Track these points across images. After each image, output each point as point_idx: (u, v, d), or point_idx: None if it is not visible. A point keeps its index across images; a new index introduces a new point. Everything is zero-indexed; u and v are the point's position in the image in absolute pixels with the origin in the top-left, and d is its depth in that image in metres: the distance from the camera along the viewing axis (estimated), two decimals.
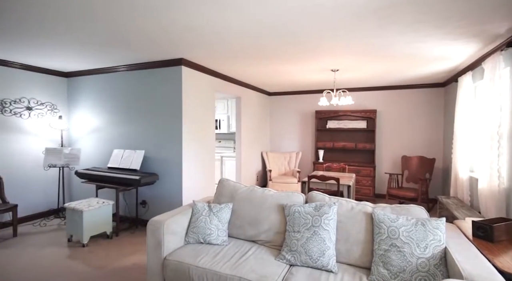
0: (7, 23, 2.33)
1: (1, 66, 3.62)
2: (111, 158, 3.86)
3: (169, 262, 1.95)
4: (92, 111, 4.21)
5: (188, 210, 2.30)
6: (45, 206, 4.15)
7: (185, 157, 3.60)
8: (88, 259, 2.80)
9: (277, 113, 6.41)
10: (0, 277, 2.47)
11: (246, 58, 3.41)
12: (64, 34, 2.61)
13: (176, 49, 3.10)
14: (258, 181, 5.92)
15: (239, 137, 5.16)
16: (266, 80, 4.87)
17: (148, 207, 3.79)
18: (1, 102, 3.63)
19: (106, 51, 3.17)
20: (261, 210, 2.25)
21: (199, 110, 3.89)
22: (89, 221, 3.10)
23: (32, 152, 3.98)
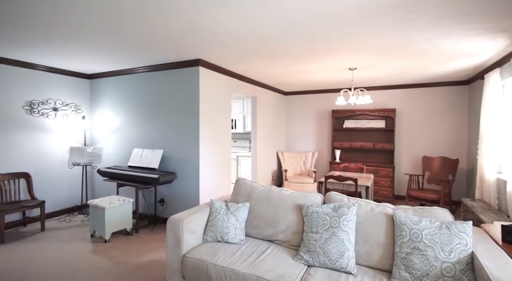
0: (35, 29, 2.45)
1: (30, 69, 3.81)
2: (131, 157, 3.97)
3: (188, 259, 1.99)
4: (113, 112, 4.35)
5: (206, 209, 2.34)
6: (70, 203, 4.34)
7: (202, 156, 3.65)
8: (110, 255, 2.90)
9: (293, 113, 6.37)
10: (30, 268, 2.60)
11: (262, 58, 3.41)
12: (87, 38, 2.71)
13: (194, 50, 3.14)
14: (274, 181, 5.91)
15: (255, 137, 5.17)
16: (282, 79, 4.85)
17: (166, 205, 3.88)
18: (30, 103, 3.83)
19: (126, 53, 3.26)
20: (279, 210, 2.24)
21: (215, 110, 3.93)
22: (111, 217, 3.21)
23: (58, 151, 4.16)
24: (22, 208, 3.35)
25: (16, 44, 2.92)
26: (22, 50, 3.14)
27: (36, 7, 2.03)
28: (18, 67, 3.68)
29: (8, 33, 2.60)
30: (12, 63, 3.58)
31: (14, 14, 2.15)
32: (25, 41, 2.83)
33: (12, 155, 3.65)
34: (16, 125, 3.69)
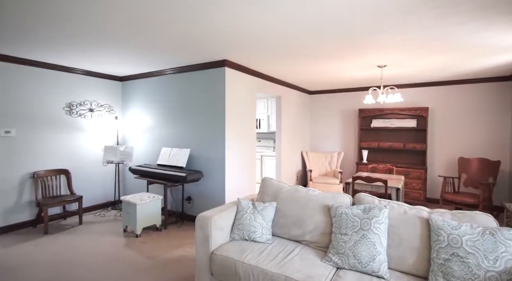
0: (74, 35, 2.62)
1: (69, 73, 4.08)
2: (160, 156, 4.12)
3: (216, 256, 2.02)
4: (143, 112, 4.54)
5: (233, 208, 2.36)
6: (104, 198, 4.59)
7: (228, 156, 3.70)
8: (141, 249, 3.03)
9: (318, 112, 6.26)
10: (71, 258, 2.79)
11: (288, 57, 3.39)
12: (120, 42, 2.85)
13: (220, 51, 3.19)
14: (298, 181, 5.85)
15: (279, 137, 5.15)
16: (307, 78, 4.78)
17: (193, 203, 3.98)
18: (69, 105, 4.10)
19: (155, 56, 3.39)
20: (306, 210, 2.22)
21: (241, 110, 3.96)
22: (142, 213, 3.35)
23: (93, 150, 4.42)
24: (62, 202, 3.60)
25: (57, 50, 3.13)
26: (63, 55, 3.37)
27: (75, 15, 2.17)
28: (59, 71, 3.95)
29: (50, 40, 2.80)
30: (54, 67, 3.86)
31: (55, 22, 2.32)
32: (65, 47, 3.03)
33: (54, 153, 3.93)
34: (58, 125, 3.97)
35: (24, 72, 3.61)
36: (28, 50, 3.18)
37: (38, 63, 3.68)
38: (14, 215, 3.57)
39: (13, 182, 3.55)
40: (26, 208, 3.67)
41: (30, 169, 3.70)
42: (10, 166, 3.52)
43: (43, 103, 3.80)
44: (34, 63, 3.65)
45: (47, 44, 2.93)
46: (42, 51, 3.21)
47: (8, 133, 3.49)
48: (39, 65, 3.70)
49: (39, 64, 3.69)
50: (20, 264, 2.69)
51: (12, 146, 3.53)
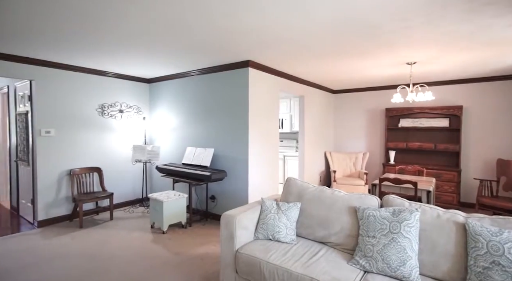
0: (105, 40, 2.76)
1: (101, 76, 4.31)
2: (185, 155, 4.23)
3: (241, 255, 2.04)
4: (169, 113, 4.69)
5: (257, 207, 2.37)
6: (132, 196, 4.80)
7: (251, 155, 3.72)
8: (167, 245, 3.13)
9: (342, 112, 6.12)
10: (103, 251, 2.95)
11: (311, 56, 3.35)
12: (147, 45, 2.96)
13: (244, 52, 3.22)
14: (322, 181, 5.76)
15: (302, 137, 5.10)
16: (331, 77, 4.69)
17: (217, 202, 4.04)
18: (101, 106, 4.33)
19: (181, 58, 3.49)
20: (331, 211, 2.18)
21: (264, 110, 3.97)
22: (168, 211, 3.46)
23: (123, 149, 4.64)
24: (95, 199, 3.81)
25: (91, 55, 3.32)
26: (96, 60, 3.57)
27: (107, 23, 2.29)
28: (92, 75, 4.19)
29: (85, 46, 2.97)
30: (88, 71, 4.09)
31: (90, 31, 2.46)
32: (98, 52, 3.21)
33: (88, 152, 4.17)
34: (91, 125, 4.21)
35: (62, 76, 3.86)
36: (66, 55, 3.40)
37: (74, 67, 3.93)
38: (54, 209, 3.84)
39: (52, 179, 3.81)
40: (63, 203, 3.93)
41: (67, 166, 3.95)
42: (50, 163, 3.78)
43: (78, 104, 4.05)
44: (70, 67, 3.90)
45: (82, 49, 3.11)
46: (77, 56, 3.42)
47: (48, 133, 3.75)
48: (75, 69, 3.95)
49: (75, 68, 3.94)
50: (59, 255, 2.89)
51: (51, 145, 3.79)
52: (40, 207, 3.72)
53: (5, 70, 3.37)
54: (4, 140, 4.75)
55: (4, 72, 3.37)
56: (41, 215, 3.73)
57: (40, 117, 3.68)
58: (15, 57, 3.39)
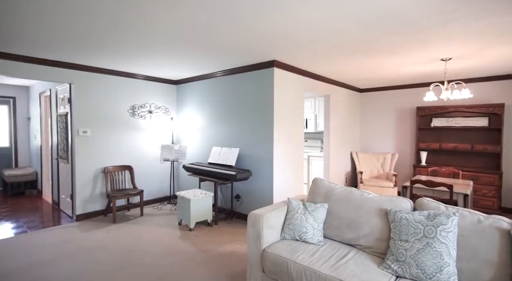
0: (136, 45, 2.90)
1: (132, 78, 4.52)
2: (211, 155, 4.32)
3: (268, 254, 2.05)
4: (195, 113, 4.81)
5: (283, 207, 2.37)
6: (160, 193, 4.98)
7: (276, 155, 3.72)
8: (195, 242, 3.22)
9: (369, 111, 5.93)
10: (135, 245, 3.10)
11: (338, 55, 3.28)
12: (176, 47, 3.06)
13: (269, 52, 3.23)
14: (347, 183, 5.62)
15: (327, 137, 5.01)
16: (358, 76, 4.57)
17: (242, 201, 4.09)
18: (132, 107, 4.55)
19: (208, 59, 3.56)
20: (360, 213, 2.12)
21: (289, 110, 3.96)
22: (195, 209, 3.56)
23: (152, 148, 4.83)
24: (127, 195, 4.01)
25: (122, 58, 3.50)
26: (126, 62, 3.75)
27: (135, 26, 2.40)
28: (124, 77, 4.40)
29: (117, 50, 3.13)
30: (120, 74, 4.31)
31: (120, 34, 2.59)
32: (130, 55, 3.37)
33: (120, 151, 4.40)
34: (123, 126, 4.43)
35: (97, 79, 4.10)
36: (101, 60, 3.61)
37: (108, 70, 4.16)
38: (90, 204, 4.09)
39: (88, 176, 4.06)
40: (98, 199, 4.18)
41: (101, 164, 4.19)
42: (86, 161, 4.03)
43: (111, 106, 4.28)
44: (104, 71, 4.13)
45: (115, 54, 3.29)
46: (111, 60, 3.62)
47: (85, 133, 4.00)
48: (108, 72, 4.17)
49: (108, 71, 4.17)
50: (96, 247, 3.07)
51: (88, 144, 4.04)
52: (78, 202, 3.98)
53: (48, 75, 3.64)
54: (46, 140, 5.14)
55: (48, 76, 3.64)
56: (79, 209, 3.99)
57: (78, 118, 3.93)
58: (57, 62, 3.65)
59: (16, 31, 2.54)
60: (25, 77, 3.51)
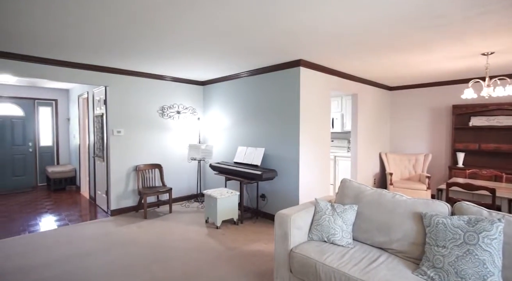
0: (163, 48, 3.00)
1: (161, 80, 4.69)
2: (236, 154, 4.37)
3: (295, 254, 2.04)
4: (221, 113, 4.89)
5: (311, 208, 2.34)
6: (188, 191, 5.13)
7: (302, 155, 3.68)
8: (221, 240, 3.28)
9: (399, 110, 5.67)
10: (164, 241, 3.22)
11: (367, 52, 3.17)
12: (203, 50, 3.13)
13: (296, 51, 3.20)
14: (376, 184, 5.42)
15: (355, 137, 4.87)
16: (388, 73, 4.38)
17: (267, 201, 4.10)
18: (161, 108, 4.72)
19: (233, 60, 3.61)
20: (393, 216, 2.04)
21: (315, 109, 3.90)
22: (222, 207, 3.62)
23: (180, 147, 4.99)
24: (157, 193, 4.17)
25: (152, 61, 3.64)
26: (157, 65, 3.90)
27: (164, 29, 2.48)
28: (154, 79, 4.59)
29: (147, 53, 3.27)
30: (150, 76, 4.50)
31: (150, 38, 2.70)
32: (159, 58, 3.51)
33: (150, 150, 4.59)
34: (153, 126, 4.62)
35: (129, 82, 4.31)
36: (133, 63, 3.79)
37: (139, 73, 4.36)
38: (123, 200, 4.32)
39: (122, 173, 4.29)
40: (130, 196, 4.39)
41: (133, 162, 4.40)
42: (120, 160, 4.26)
43: (142, 107, 4.48)
44: (136, 73, 4.33)
45: (146, 57, 3.44)
46: (142, 63, 3.79)
47: (119, 133, 4.22)
48: (139, 75, 4.37)
49: (139, 74, 4.36)
50: (129, 241, 3.23)
51: (121, 144, 4.27)
52: (112, 198, 4.21)
53: (86, 78, 3.89)
54: (84, 139, 5.50)
55: (86, 80, 3.90)
56: (113, 205, 4.23)
57: (113, 119, 4.16)
58: (94, 66, 3.89)
59: (58, 38, 2.74)
60: (66, 81, 3.78)
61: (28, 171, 6.12)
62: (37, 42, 2.86)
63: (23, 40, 2.82)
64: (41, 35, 2.66)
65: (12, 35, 2.67)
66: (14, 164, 5.96)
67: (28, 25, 2.39)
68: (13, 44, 2.95)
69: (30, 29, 2.50)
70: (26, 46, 3.02)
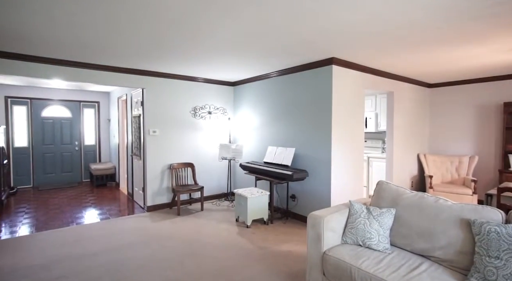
0: (197, 51, 3.08)
1: (193, 82, 4.84)
2: (266, 154, 4.37)
3: (329, 257, 1.99)
4: (251, 113, 4.93)
5: (345, 210, 2.27)
6: (218, 190, 5.24)
7: (334, 156, 3.59)
8: (251, 239, 3.30)
9: (441, 108, 5.30)
10: (196, 237, 3.32)
11: (405, 48, 3.00)
12: (236, 51, 3.17)
13: (328, 49, 3.12)
14: (413, 187, 5.11)
15: (391, 137, 4.63)
16: (428, 69, 4.11)
17: (297, 201, 4.05)
18: (194, 108, 4.87)
19: (264, 60, 3.61)
20: (436, 222, 1.91)
21: (348, 109, 3.77)
22: (252, 206, 3.64)
23: (211, 147, 5.11)
24: (190, 191, 4.32)
25: (186, 63, 3.77)
26: (189, 67, 4.03)
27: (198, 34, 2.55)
28: (186, 81, 4.75)
29: (182, 56, 3.39)
30: (183, 78, 4.66)
31: (184, 42, 2.78)
32: (191, 60, 3.61)
33: (183, 149, 4.76)
34: (186, 126, 4.79)
35: (164, 83, 4.51)
36: (167, 66, 3.95)
37: (173, 75, 4.53)
38: (158, 197, 4.52)
39: (157, 171, 4.50)
40: (164, 193, 4.59)
41: (167, 161, 4.59)
42: (155, 158, 4.47)
43: (176, 107, 4.66)
44: (170, 76, 4.51)
45: (180, 60, 3.56)
46: (176, 66, 3.94)
47: (154, 133, 4.43)
48: (173, 77, 4.55)
49: (173, 76, 4.54)
50: (164, 236, 3.38)
51: (156, 143, 4.47)
52: (148, 194, 4.43)
53: (126, 81, 4.14)
54: (123, 138, 5.85)
55: (125, 82, 4.14)
56: (149, 201, 4.45)
57: (149, 119, 4.38)
58: (132, 70, 4.12)
59: (104, 45, 2.94)
60: (108, 84, 4.05)
61: (74, 167, 6.67)
62: (85, 49, 3.10)
63: (73, 48, 3.07)
64: (90, 43, 2.88)
65: (65, 44, 2.91)
66: (63, 161, 6.52)
67: (78, 34, 2.60)
68: (66, 52, 3.23)
69: (80, 37, 2.71)
70: (75, 53, 3.28)
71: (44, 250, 2.99)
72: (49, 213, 4.33)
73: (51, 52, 3.26)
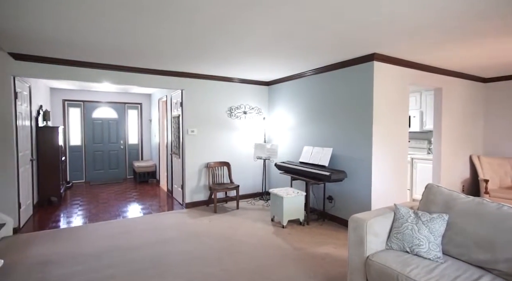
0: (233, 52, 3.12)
1: (229, 82, 4.93)
2: (302, 154, 4.30)
3: (373, 263, 1.89)
4: (286, 113, 4.88)
5: (389, 214, 2.14)
6: (253, 189, 5.27)
7: (375, 157, 3.41)
8: (287, 239, 3.26)
9: (498, 105, 4.77)
10: (233, 234, 3.37)
11: (458, 40, 2.73)
12: (270, 51, 3.15)
13: (369, 44, 2.97)
14: (465, 191, 4.67)
15: (438, 137, 4.28)
16: (482, 62, 3.72)
17: (335, 203, 3.92)
18: (230, 108, 4.96)
19: (300, 59, 3.54)
20: (498, 231, 1.71)
21: (390, 107, 3.56)
22: (288, 206, 3.61)
23: (246, 146, 5.16)
24: (226, 189, 4.40)
25: (222, 64, 3.84)
26: (225, 67, 4.10)
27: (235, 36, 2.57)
28: (222, 81, 4.85)
29: (219, 58, 3.46)
30: (219, 79, 4.77)
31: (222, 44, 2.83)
32: (227, 62, 3.68)
33: (219, 148, 4.87)
34: (222, 125, 4.89)
35: (201, 85, 4.65)
36: (205, 67, 4.07)
37: (210, 76, 4.66)
38: (195, 195, 4.69)
39: (195, 169, 4.66)
40: (202, 191, 4.74)
41: (204, 160, 4.74)
42: (193, 157, 4.63)
43: (213, 108, 4.78)
44: (207, 77, 4.64)
45: (217, 61, 3.65)
46: (213, 67, 4.04)
47: (193, 132, 4.60)
48: (210, 78, 4.68)
49: (210, 77, 4.67)
50: (202, 232, 3.49)
51: (194, 142, 4.63)
52: (187, 191, 4.61)
53: (166, 84, 4.35)
54: (163, 138, 6.16)
55: (166, 84, 4.36)
56: (187, 198, 4.62)
57: (187, 119, 4.55)
58: (172, 72, 4.32)
59: (146, 50, 3.12)
60: (149, 86, 4.29)
61: (120, 165, 7.18)
62: (128, 54, 3.32)
63: (115, 53, 3.30)
64: (131, 48, 3.07)
65: (112, 49, 3.14)
66: (110, 159, 7.06)
67: (120, 40, 2.78)
68: (113, 57, 3.48)
69: (121, 43, 2.91)
70: (120, 58, 3.53)
71: (95, 241, 3.25)
72: (99, 206, 4.71)
73: (100, 58, 3.53)
